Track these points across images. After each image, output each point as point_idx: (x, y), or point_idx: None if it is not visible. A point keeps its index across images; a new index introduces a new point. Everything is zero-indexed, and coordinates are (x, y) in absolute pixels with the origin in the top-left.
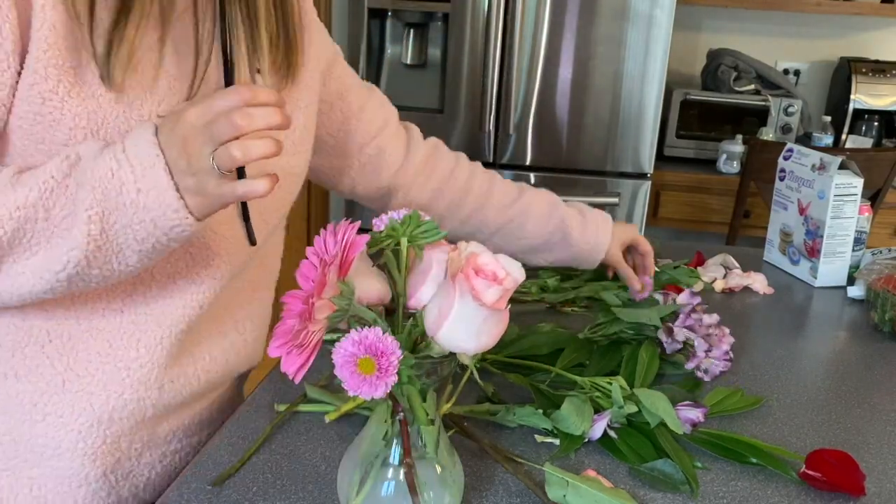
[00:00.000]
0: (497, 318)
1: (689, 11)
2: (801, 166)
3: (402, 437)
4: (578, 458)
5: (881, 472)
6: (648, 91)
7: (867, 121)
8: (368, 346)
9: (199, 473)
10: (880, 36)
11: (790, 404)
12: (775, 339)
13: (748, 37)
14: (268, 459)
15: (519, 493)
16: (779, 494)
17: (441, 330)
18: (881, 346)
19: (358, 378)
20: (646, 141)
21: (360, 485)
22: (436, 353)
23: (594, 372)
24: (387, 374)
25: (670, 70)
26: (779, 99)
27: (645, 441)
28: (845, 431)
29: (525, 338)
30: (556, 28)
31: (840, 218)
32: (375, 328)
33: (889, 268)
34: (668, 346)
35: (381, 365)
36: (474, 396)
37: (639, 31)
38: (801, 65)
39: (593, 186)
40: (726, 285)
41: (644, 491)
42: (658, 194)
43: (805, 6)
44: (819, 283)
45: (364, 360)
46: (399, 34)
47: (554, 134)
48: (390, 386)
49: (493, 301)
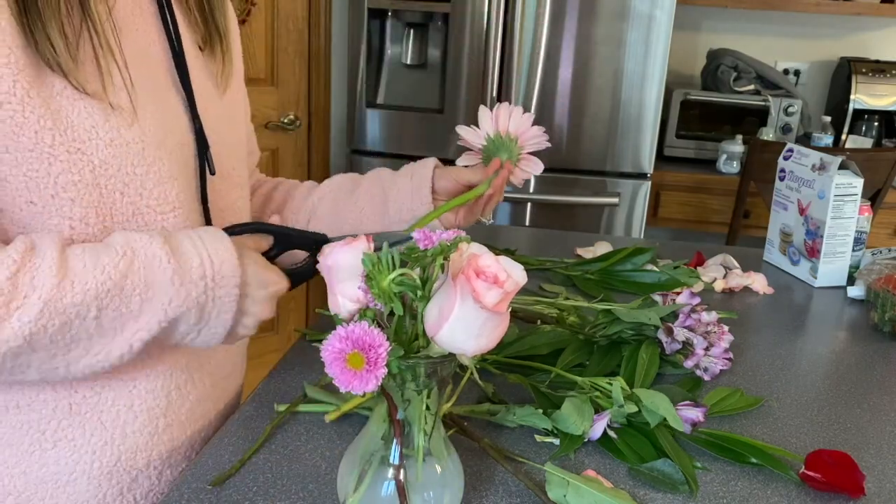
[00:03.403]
0: (497, 321)
1: (689, 11)
2: (801, 166)
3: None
4: (578, 458)
5: (881, 472)
6: (648, 91)
7: (867, 121)
8: (355, 341)
9: (199, 473)
10: (880, 36)
11: (790, 404)
12: (775, 339)
13: (748, 37)
14: (268, 459)
15: (519, 493)
16: (778, 495)
17: (441, 331)
18: (881, 346)
19: (348, 374)
20: (646, 141)
21: (358, 483)
22: (435, 353)
23: (594, 372)
24: (376, 366)
25: (670, 70)
26: (779, 99)
27: (645, 441)
28: (845, 431)
29: (525, 338)
30: (556, 28)
31: (840, 218)
32: (361, 322)
33: (889, 268)
34: (667, 346)
35: (370, 358)
36: (474, 396)
37: (639, 31)
38: (801, 65)
39: (593, 186)
40: (726, 285)
41: (644, 491)
42: (658, 194)
43: (805, 6)
44: (819, 283)
45: (352, 354)
46: (399, 34)
47: (554, 134)
48: (380, 379)
49: (493, 303)
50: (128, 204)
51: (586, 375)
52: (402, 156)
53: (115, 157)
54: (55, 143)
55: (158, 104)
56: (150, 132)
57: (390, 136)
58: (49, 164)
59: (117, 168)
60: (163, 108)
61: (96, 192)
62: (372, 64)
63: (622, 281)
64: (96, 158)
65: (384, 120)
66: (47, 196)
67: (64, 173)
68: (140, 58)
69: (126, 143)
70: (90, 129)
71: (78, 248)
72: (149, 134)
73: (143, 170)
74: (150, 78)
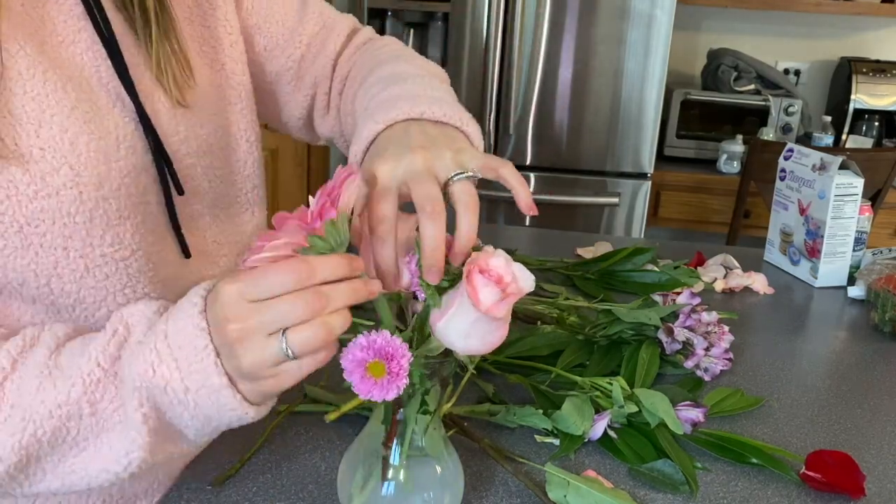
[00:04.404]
0: (490, 326)
1: (689, 11)
2: (801, 166)
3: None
4: (578, 458)
5: (881, 473)
6: (648, 91)
7: (867, 121)
8: (378, 351)
9: (199, 473)
10: (880, 36)
11: (790, 404)
12: (775, 339)
13: (748, 37)
14: (268, 459)
15: (519, 493)
16: (779, 495)
17: (440, 321)
18: (881, 346)
19: (368, 382)
20: (646, 141)
21: (361, 485)
22: (433, 347)
23: (594, 372)
24: (398, 377)
25: (670, 70)
26: (779, 99)
27: (645, 441)
28: (845, 432)
29: (525, 338)
30: (556, 28)
31: (840, 218)
32: (383, 331)
33: (889, 268)
34: (668, 346)
35: (392, 369)
36: (474, 396)
37: (639, 31)
38: (801, 65)
39: (593, 186)
40: (726, 285)
41: (644, 491)
42: (658, 194)
43: (805, 6)
44: (819, 284)
45: (374, 363)
46: (399, 34)
47: (554, 134)
48: (402, 389)
49: (489, 303)
50: (77, 258)
51: (586, 375)
52: None
53: (44, 211)
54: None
55: (93, 127)
56: (85, 170)
57: None
58: None
59: (51, 222)
60: (99, 130)
61: (30, 254)
62: None
63: (622, 281)
64: (21, 217)
65: None
66: None
67: None
68: (58, 67)
69: (56, 191)
70: (6, 184)
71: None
72: (84, 173)
73: (85, 216)
74: (76, 90)
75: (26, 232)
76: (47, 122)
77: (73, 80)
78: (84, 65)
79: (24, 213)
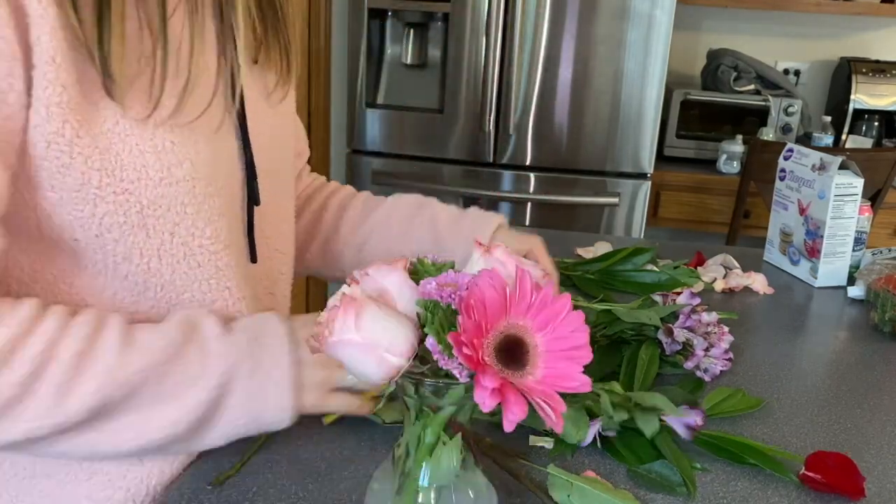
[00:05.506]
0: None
1: (689, 11)
2: (801, 166)
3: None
4: (577, 459)
5: (881, 473)
6: (648, 91)
7: (867, 121)
8: None
9: (199, 473)
10: (880, 36)
11: (790, 404)
12: (775, 339)
13: (748, 37)
14: (268, 459)
15: (519, 493)
16: (778, 496)
17: None
18: (881, 346)
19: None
20: (646, 141)
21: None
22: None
23: (594, 372)
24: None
25: (670, 70)
26: (779, 99)
27: (644, 442)
28: (845, 432)
29: None
30: (556, 28)
31: (840, 218)
32: None
33: (889, 268)
34: (668, 346)
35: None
36: None
37: (639, 31)
38: (801, 65)
39: (593, 186)
40: (726, 285)
41: (643, 492)
42: (658, 194)
43: (805, 6)
44: (819, 283)
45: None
46: (399, 34)
47: (554, 134)
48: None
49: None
50: (179, 245)
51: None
52: (401, 156)
53: (164, 197)
54: (102, 185)
55: (210, 134)
56: (201, 168)
57: (390, 136)
58: (94, 205)
59: (166, 208)
60: (215, 138)
61: (142, 234)
62: (372, 64)
63: (622, 281)
64: (144, 199)
65: (384, 120)
66: (91, 235)
67: (109, 214)
68: (198, 82)
69: (177, 181)
70: (140, 168)
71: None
72: (200, 170)
73: (195, 208)
74: (203, 103)
75: (145, 213)
76: (182, 117)
77: (200, 87)
78: (212, 77)
79: (148, 195)
